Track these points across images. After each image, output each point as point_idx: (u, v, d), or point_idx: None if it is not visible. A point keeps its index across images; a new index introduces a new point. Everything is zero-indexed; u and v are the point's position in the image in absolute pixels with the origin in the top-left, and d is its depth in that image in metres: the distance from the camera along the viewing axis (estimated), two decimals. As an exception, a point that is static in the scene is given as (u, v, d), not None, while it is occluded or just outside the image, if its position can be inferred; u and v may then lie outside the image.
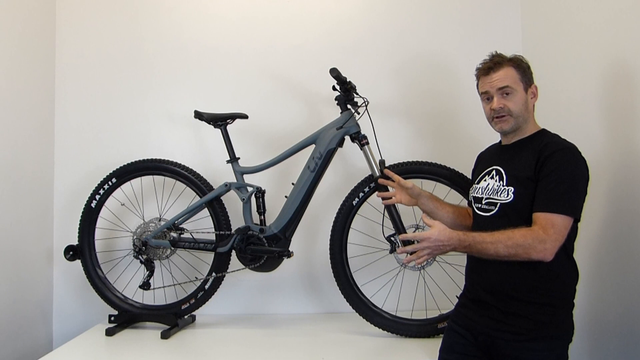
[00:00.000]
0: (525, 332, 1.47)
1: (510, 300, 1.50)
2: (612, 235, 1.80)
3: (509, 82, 1.56)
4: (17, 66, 2.33)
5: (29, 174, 2.42)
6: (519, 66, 1.58)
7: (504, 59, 1.59)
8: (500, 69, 1.57)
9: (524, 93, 1.57)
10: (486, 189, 1.60)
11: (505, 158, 1.60)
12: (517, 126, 1.59)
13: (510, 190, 1.51)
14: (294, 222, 2.20)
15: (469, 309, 1.62)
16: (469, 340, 1.59)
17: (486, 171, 1.65)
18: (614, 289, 1.79)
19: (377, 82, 2.52)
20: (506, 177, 1.55)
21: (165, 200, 2.49)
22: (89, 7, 2.62)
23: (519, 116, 1.57)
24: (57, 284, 2.59)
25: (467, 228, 1.77)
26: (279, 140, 2.47)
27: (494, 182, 1.58)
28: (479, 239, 1.45)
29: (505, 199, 1.52)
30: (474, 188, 1.68)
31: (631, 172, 1.69)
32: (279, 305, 2.57)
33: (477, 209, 1.62)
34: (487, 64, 1.61)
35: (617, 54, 1.77)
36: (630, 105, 1.70)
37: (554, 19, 2.26)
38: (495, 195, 1.56)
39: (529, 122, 1.60)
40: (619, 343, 1.76)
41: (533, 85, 1.61)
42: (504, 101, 1.57)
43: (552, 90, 2.25)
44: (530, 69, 1.62)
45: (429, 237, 1.46)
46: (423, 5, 2.59)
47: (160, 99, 2.60)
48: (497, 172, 1.59)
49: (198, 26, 2.61)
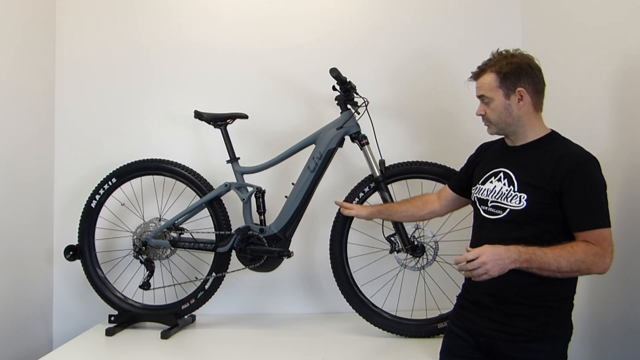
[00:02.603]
0: (527, 333, 1.47)
1: (512, 303, 1.49)
2: (618, 234, 1.80)
3: (484, 90, 1.57)
4: (17, 67, 2.33)
5: (29, 174, 2.42)
6: (500, 71, 1.55)
7: (488, 65, 1.58)
8: (481, 76, 1.59)
9: (503, 99, 1.54)
10: (493, 192, 1.57)
11: (514, 161, 1.57)
12: (501, 131, 1.60)
13: (523, 197, 1.48)
14: (294, 222, 2.20)
15: (469, 311, 1.61)
16: (469, 342, 1.58)
17: (492, 172, 1.61)
18: (615, 289, 1.79)
19: (377, 82, 2.52)
20: (517, 183, 1.51)
21: (165, 200, 2.49)
22: (89, 8, 2.62)
23: (498, 123, 1.57)
24: (57, 284, 2.59)
25: (430, 215, 1.89)
26: (279, 140, 2.47)
27: (502, 185, 1.55)
28: (539, 253, 1.39)
29: (517, 206, 1.49)
30: (478, 188, 1.64)
31: (635, 171, 1.69)
32: (279, 305, 2.57)
33: (483, 211, 1.60)
34: (475, 71, 1.63)
35: (619, 53, 1.77)
36: (634, 103, 1.70)
37: (554, 19, 2.26)
38: (504, 200, 1.53)
39: (526, 126, 1.55)
40: (619, 343, 1.76)
41: (519, 89, 1.53)
42: (484, 108, 1.60)
43: (552, 90, 2.24)
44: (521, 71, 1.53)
45: (483, 252, 1.40)
46: (423, 5, 2.59)
47: (160, 99, 2.60)
48: (506, 176, 1.55)
49: (198, 26, 2.61)
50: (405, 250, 2.09)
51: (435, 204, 1.87)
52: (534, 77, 1.55)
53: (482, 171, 1.67)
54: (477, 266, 1.38)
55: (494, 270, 1.38)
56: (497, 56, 1.59)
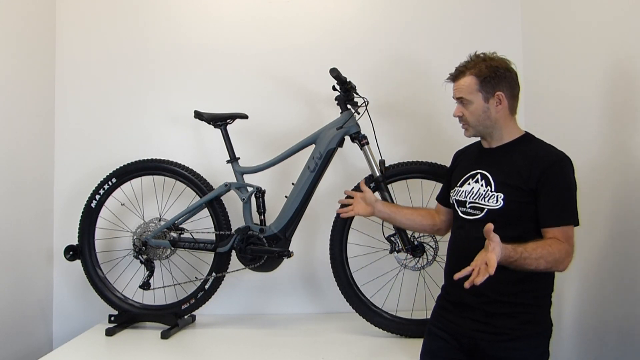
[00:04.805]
0: (509, 331, 1.48)
1: (493, 302, 1.50)
2: (612, 236, 1.80)
3: (463, 93, 1.58)
4: (17, 66, 2.33)
5: (29, 174, 2.42)
6: (480, 74, 1.56)
7: (467, 68, 1.59)
8: (460, 79, 1.60)
9: (482, 103, 1.56)
10: (471, 193, 1.58)
11: (490, 163, 1.59)
12: (478, 134, 1.62)
13: (500, 196, 1.51)
14: (294, 222, 2.20)
15: (450, 312, 1.61)
16: (452, 344, 1.58)
17: (470, 174, 1.62)
18: (613, 290, 1.79)
19: (378, 82, 2.52)
20: (494, 183, 1.53)
21: (165, 200, 2.49)
22: (89, 7, 2.62)
23: (476, 125, 1.59)
24: (57, 284, 2.59)
25: (432, 228, 1.84)
26: (279, 140, 2.47)
27: (479, 186, 1.57)
28: (525, 255, 1.38)
29: (495, 205, 1.51)
30: (456, 191, 1.65)
31: (632, 173, 1.69)
32: (279, 305, 2.57)
33: (461, 212, 1.61)
34: (453, 72, 1.64)
35: (618, 55, 1.77)
36: (631, 106, 1.70)
37: (554, 19, 2.26)
38: (482, 200, 1.54)
39: (502, 128, 1.58)
40: (619, 343, 1.76)
41: (498, 93, 1.55)
42: (462, 110, 1.61)
43: (552, 91, 2.25)
44: (499, 75, 1.55)
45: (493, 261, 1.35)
46: (423, 5, 2.59)
47: (160, 99, 2.60)
48: (483, 177, 1.57)
49: (198, 26, 2.61)
50: (405, 250, 2.10)
51: (436, 218, 1.84)
52: (512, 81, 1.58)
53: (459, 175, 1.69)
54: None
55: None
56: (475, 59, 1.61)
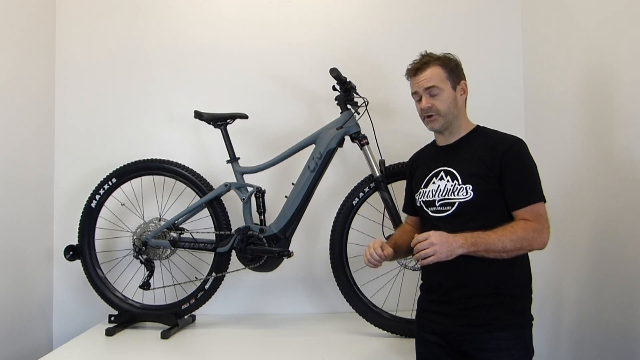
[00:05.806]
0: (490, 322, 1.49)
1: (472, 296, 1.51)
2: (611, 236, 1.80)
3: (434, 81, 1.59)
4: (17, 66, 2.34)
5: (29, 174, 2.42)
6: (446, 65, 1.60)
7: (431, 59, 1.62)
8: (427, 69, 1.60)
9: (451, 91, 1.59)
10: (438, 191, 1.58)
11: (452, 157, 1.60)
12: (447, 124, 1.61)
13: (469, 187, 1.52)
14: (294, 222, 2.20)
15: (431, 312, 1.61)
16: (442, 346, 1.58)
17: (432, 173, 1.62)
18: (611, 288, 1.79)
19: (377, 81, 2.52)
20: (461, 176, 1.54)
21: (165, 200, 2.49)
22: (89, 7, 2.62)
23: (447, 114, 1.59)
24: (57, 284, 2.59)
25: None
26: (279, 140, 2.47)
27: (445, 182, 1.57)
28: (483, 236, 1.42)
29: (465, 197, 1.52)
30: (421, 193, 1.64)
31: (634, 172, 1.69)
32: (279, 305, 2.57)
33: (431, 212, 1.60)
34: (415, 65, 1.64)
35: (620, 53, 1.77)
36: (634, 103, 1.70)
37: (554, 19, 2.26)
38: (450, 195, 1.55)
39: (462, 119, 1.62)
40: (618, 343, 1.76)
41: (462, 82, 1.62)
42: (432, 101, 1.60)
43: (552, 91, 2.25)
44: (460, 66, 1.63)
45: (432, 234, 1.42)
46: (423, 6, 2.59)
47: (160, 99, 2.60)
48: (448, 173, 1.58)
49: (198, 26, 2.61)
50: (405, 250, 2.09)
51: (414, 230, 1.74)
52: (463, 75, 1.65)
53: (421, 177, 1.68)
54: (426, 246, 1.40)
55: (441, 252, 1.40)
56: (430, 54, 1.64)
